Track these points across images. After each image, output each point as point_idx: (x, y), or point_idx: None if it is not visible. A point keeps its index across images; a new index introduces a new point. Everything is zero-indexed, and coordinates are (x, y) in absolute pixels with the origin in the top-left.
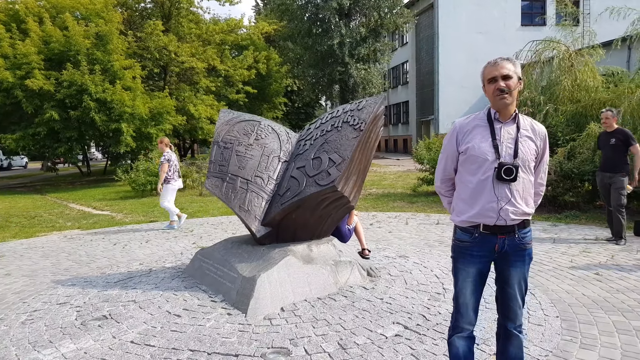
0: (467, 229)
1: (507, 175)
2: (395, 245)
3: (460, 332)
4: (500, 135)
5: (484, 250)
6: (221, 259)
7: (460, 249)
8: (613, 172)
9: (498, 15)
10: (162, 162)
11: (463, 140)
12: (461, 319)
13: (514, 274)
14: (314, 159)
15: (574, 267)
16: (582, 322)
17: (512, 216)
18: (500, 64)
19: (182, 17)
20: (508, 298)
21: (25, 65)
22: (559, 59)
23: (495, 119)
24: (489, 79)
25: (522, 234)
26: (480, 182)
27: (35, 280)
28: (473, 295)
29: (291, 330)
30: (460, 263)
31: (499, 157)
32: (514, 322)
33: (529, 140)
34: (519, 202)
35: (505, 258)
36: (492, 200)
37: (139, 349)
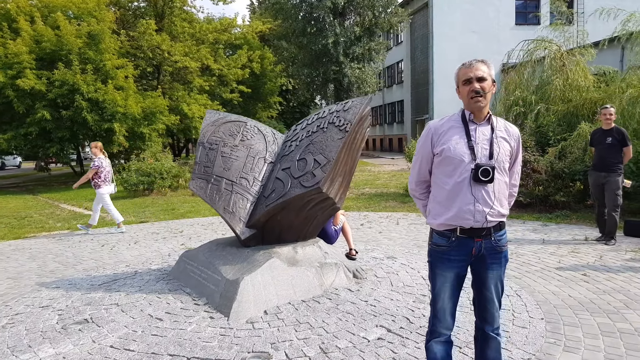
0: (443, 233)
1: (484, 177)
2: (384, 246)
3: (437, 337)
4: (475, 136)
5: (461, 254)
6: (205, 261)
7: (437, 253)
8: (608, 172)
9: (492, 15)
10: (92, 167)
11: (438, 141)
12: (439, 324)
13: (491, 277)
14: (299, 160)
15: (562, 267)
16: (567, 324)
17: (488, 218)
18: (475, 65)
19: (175, 16)
20: (485, 301)
21: (17, 64)
22: (551, 59)
23: (470, 120)
24: (463, 81)
25: (498, 236)
26: (457, 183)
27: (20, 282)
28: (451, 300)
29: (273, 334)
30: (438, 268)
31: (475, 158)
32: (491, 324)
33: (503, 140)
34: (495, 204)
35: (482, 261)
36: (468, 202)
37: (117, 354)
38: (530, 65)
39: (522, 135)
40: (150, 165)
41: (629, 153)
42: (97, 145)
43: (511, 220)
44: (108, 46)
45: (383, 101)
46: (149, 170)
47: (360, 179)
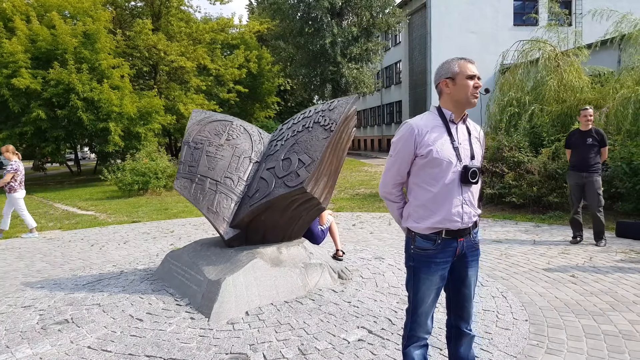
0: (428, 237)
1: (472, 179)
2: (373, 247)
3: (416, 342)
4: (457, 136)
5: (446, 256)
6: (189, 262)
7: (422, 257)
8: (589, 172)
9: (490, 15)
10: (9, 171)
11: (422, 142)
12: (419, 328)
13: (470, 274)
14: (284, 160)
15: (550, 269)
16: (551, 326)
17: (473, 218)
18: (474, 64)
19: (171, 16)
20: (464, 299)
21: (12, 64)
22: (545, 59)
23: (451, 120)
24: (469, 75)
25: (475, 233)
26: (445, 186)
27: (5, 282)
28: (433, 304)
29: (253, 335)
30: (423, 272)
31: (460, 159)
32: (467, 322)
33: (477, 141)
34: (475, 204)
35: (463, 259)
36: (457, 205)
37: (94, 355)
38: (525, 65)
39: (516, 135)
40: (145, 165)
41: (606, 153)
42: (9, 148)
43: (504, 221)
44: (104, 45)
45: (381, 102)
46: (144, 170)
47: (356, 179)
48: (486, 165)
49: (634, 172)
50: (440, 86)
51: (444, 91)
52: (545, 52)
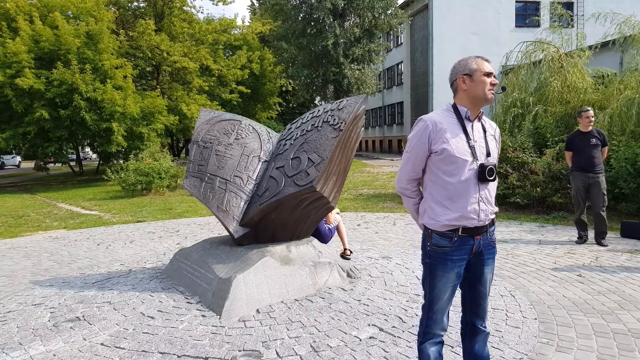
0: (445, 234)
1: (490, 176)
2: (379, 246)
3: (432, 338)
4: (472, 134)
5: (463, 253)
6: (199, 260)
7: (438, 254)
8: (595, 172)
9: (492, 17)
10: None
11: (437, 138)
12: (435, 325)
13: (487, 272)
14: (293, 159)
15: (557, 268)
16: (560, 325)
17: (490, 216)
18: (490, 62)
19: (174, 17)
20: (479, 296)
21: (15, 64)
22: (548, 61)
23: (466, 118)
24: (486, 72)
25: (492, 231)
26: (461, 183)
27: (14, 280)
28: (449, 301)
29: (264, 332)
30: (440, 270)
31: (476, 157)
32: (482, 319)
33: (493, 139)
34: (492, 201)
35: (479, 257)
36: (474, 202)
37: (108, 352)
38: (528, 67)
39: (520, 136)
40: (148, 165)
41: (606, 153)
42: None
43: (508, 221)
44: (106, 46)
45: (383, 102)
46: (147, 170)
47: (358, 179)
48: None
49: (638, 172)
50: (457, 83)
51: (460, 88)
52: (549, 53)
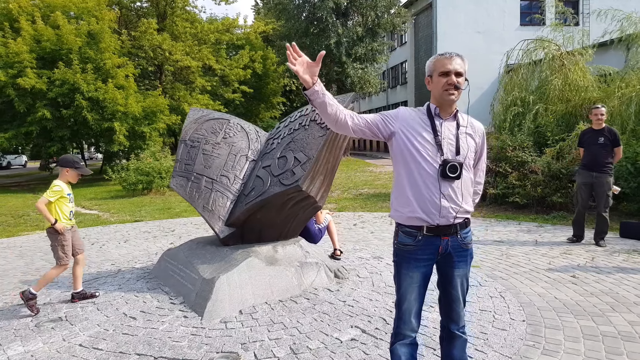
0: (410, 232)
1: (452, 173)
2: (373, 246)
3: (402, 340)
4: (441, 131)
5: (428, 253)
6: (184, 260)
7: (403, 253)
8: (599, 172)
9: (497, 15)
10: None
11: (402, 124)
12: (403, 325)
13: (457, 275)
14: (280, 158)
15: (552, 269)
16: (549, 327)
17: (454, 214)
18: (455, 59)
19: (176, 16)
20: (452, 300)
21: (17, 64)
22: (549, 59)
23: (436, 115)
24: (442, 72)
25: (464, 233)
26: (423, 180)
27: (4, 280)
28: (417, 301)
29: (245, 334)
30: (404, 268)
31: (442, 154)
32: (457, 323)
33: (469, 137)
34: (460, 200)
35: (448, 260)
36: (435, 199)
37: (85, 352)
38: (529, 65)
39: (520, 135)
40: (149, 164)
41: (620, 153)
42: None
43: (507, 221)
44: (108, 45)
45: (387, 102)
46: (148, 169)
47: (360, 179)
48: (489, 165)
49: (638, 172)
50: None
51: (428, 88)
52: (550, 51)
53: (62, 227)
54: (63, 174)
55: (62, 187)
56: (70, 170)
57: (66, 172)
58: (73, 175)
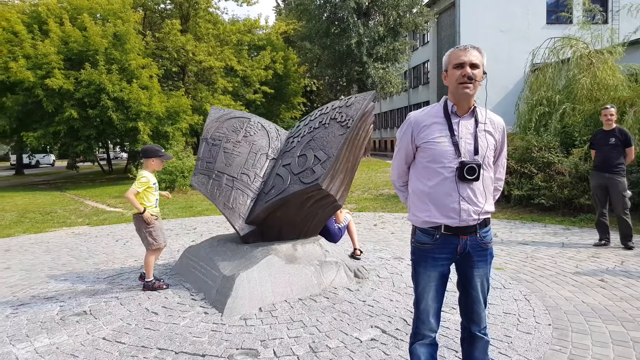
0: (427, 230)
1: (470, 175)
2: (393, 247)
3: (421, 340)
4: (458, 130)
5: (445, 252)
6: (205, 257)
7: (420, 251)
8: (611, 173)
9: (522, 13)
10: None
11: (419, 135)
12: (422, 325)
13: (477, 275)
14: (300, 157)
15: (579, 272)
16: (576, 331)
17: (474, 216)
18: (470, 50)
19: (199, 18)
20: (472, 301)
21: (46, 65)
22: (577, 57)
23: (453, 113)
24: (455, 64)
25: (483, 232)
26: (441, 181)
27: (32, 274)
28: (435, 301)
29: (264, 331)
30: (422, 267)
31: (459, 155)
32: (478, 324)
33: (487, 134)
34: (481, 201)
35: (468, 259)
36: (453, 201)
37: (108, 346)
38: (556, 64)
39: (546, 135)
40: (172, 163)
41: (632, 154)
42: None
43: (532, 223)
44: (133, 46)
45: (408, 102)
46: (171, 168)
47: (380, 179)
48: (514, 165)
49: None
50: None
51: (445, 83)
52: (577, 49)
53: (148, 217)
54: (149, 164)
55: (149, 177)
56: (155, 159)
57: (152, 162)
58: (158, 163)
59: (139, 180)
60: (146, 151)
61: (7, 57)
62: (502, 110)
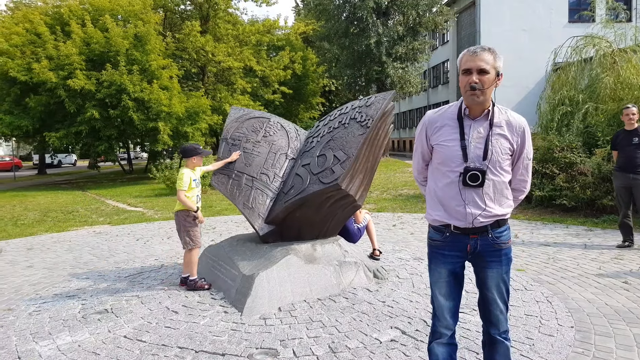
0: (438, 228)
1: (472, 181)
2: (413, 247)
3: (439, 338)
4: (469, 134)
5: (455, 250)
6: (225, 256)
7: (432, 248)
8: (636, 174)
9: (544, 12)
10: None
11: (432, 137)
12: (438, 322)
13: (490, 276)
14: (319, 157)
15: (602, 274)
16: (599, 334)
17: (480, 219)
18: (479, 55)
19: (219, 19)
20: (488, 302)
21: (68, 65)
22: (600, 56)
23: (466, 115)
24: (463, 70)
25: (497, 233)
26: (448, 184)
27: (54, 272)
28: (448, 299)
29: (284, 331)
30: (433, 263)
31: (466, 159)
32: (497, 327)
33: (501, 138)
34: (489, 206)
35: (480, 259)
36: (459, 204)
37: (129, 344)
38: (579, 63)
39: (569, 135)
40: None
41: None
42: None
43: (554, 224)
44: (153, 47)
45: (428, 102)
46: None
47: (399, 180)
48: (535, 166)
49: None
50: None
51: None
52: (601, 48)
53: (200, 217)
54: (189, 163)
55: (190, 175)
56: (196, 158)
57: (192, 160)
58: (199, 160)
59: (182, 179)
60: (185, 151)
61: (30, 58)
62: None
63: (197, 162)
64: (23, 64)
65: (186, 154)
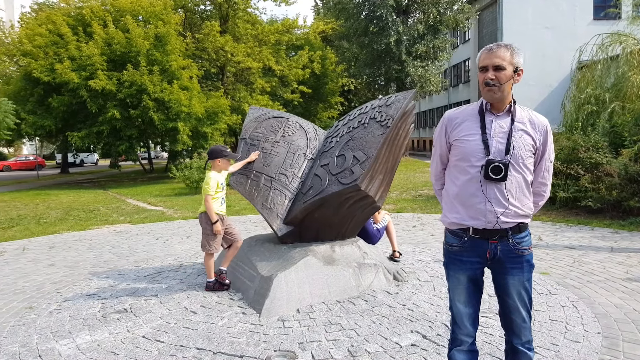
0: (456, 232)
1: (495, 174)
2: (434, 249)
3: (459, 345)
4: (491, 129)
5: (474, 256)
6: (243, 257)
7: (449, 253)
8: None
9: (567, 9)
10: None
11: (452, 133)
12: (458, 330)
13: (511, 284)
14: (338, 157)
15: (630, 278)
16: (627, 341)
17: (502, 218)
18: (495, 52)
19: (238, 19)
20: (509, 310)
21: (90, 66)
22: (627, 54)
23: (487, 111)
24: (480, 67)
25: (518, 239)
26: (468, 180)
27: (75, 271)
28: (467, 305)
29: (302, 333)
30: (451, 269)
31: (488, 153)
32: (519, 337)
33: (524, 133)
34: (511, 204)
35: (500, 265)
36: (480, 202)
37: (148, 344)
38: (605, 61)
39: (594, 135)
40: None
41: None
42: None
43: (578, 226)
44: (174, 47)
45: (448, 101)
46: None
47: (419, 180)
48: (559, 166)
49: None
50: None
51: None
52: (628, 46)
53: (217, 229)
54: (215, 165)
55: (217, 178)
56: (222, 160)
57: (218, 163)
58: (225, 162)
59: (208, 183)
60: (211, 152)
61: (53, 59)
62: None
63: (223, 165)
64: (46, 65)
65: (212, 155)
